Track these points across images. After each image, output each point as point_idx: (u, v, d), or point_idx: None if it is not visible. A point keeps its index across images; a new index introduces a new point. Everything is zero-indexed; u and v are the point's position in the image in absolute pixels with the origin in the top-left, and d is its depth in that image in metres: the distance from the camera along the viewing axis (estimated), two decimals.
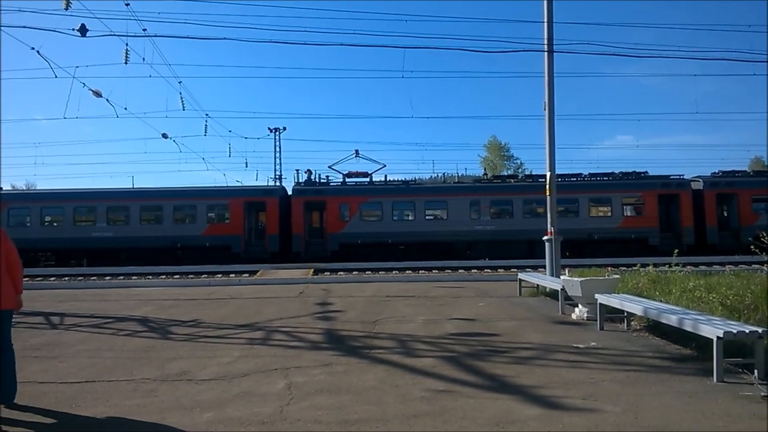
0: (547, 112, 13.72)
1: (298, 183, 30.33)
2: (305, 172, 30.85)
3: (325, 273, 21.83)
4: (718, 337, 5.80)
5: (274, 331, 9.25)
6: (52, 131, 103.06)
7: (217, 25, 16.99)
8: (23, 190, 46.42)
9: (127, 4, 15.14)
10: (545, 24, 13.71)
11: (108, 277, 21.67)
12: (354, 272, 22.14)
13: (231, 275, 21.72)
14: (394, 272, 21.83)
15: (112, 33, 14.66)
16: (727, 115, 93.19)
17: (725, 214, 29.44)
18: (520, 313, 10.73)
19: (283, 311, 11.57)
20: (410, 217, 28.82)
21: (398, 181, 30.47)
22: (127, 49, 15.89)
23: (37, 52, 14.10)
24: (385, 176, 31.11)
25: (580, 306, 10.00)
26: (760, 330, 5.80)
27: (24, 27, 13.94)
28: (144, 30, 15.68)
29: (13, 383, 5.42)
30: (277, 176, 44.83)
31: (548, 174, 13.73)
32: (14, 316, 5.70)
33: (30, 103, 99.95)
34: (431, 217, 28.93)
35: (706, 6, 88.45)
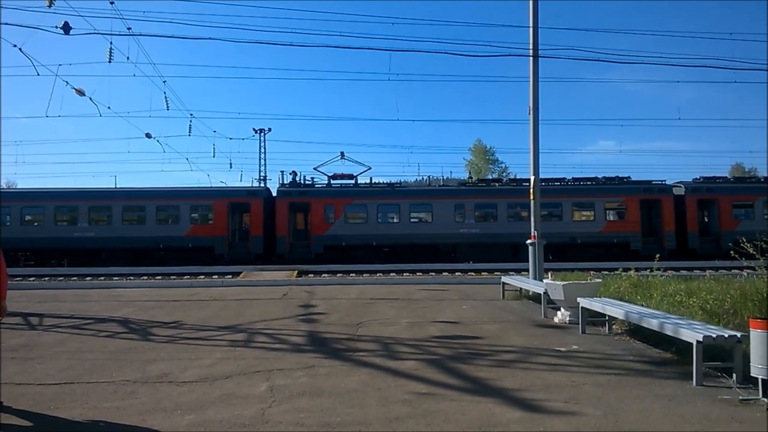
0: (531, 116, 13.79)
1: (282, 184, 30.17)
2: (290, 174, 30.71)
3: (309, 275, 21.74)
4: (697, 341, 5.87)
5: (257, 333, 9.20)
6: (34, 130, 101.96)
7: (202, 24, 16.93)
8: (3, 188, 45.72)
9: (112, 2, 14.95)
10: (531, 29, 13.80)
11: (89, 278, 21.39)
12: (338, 274, 22.09)
13: (214, 276, 21.57)
14: (378, 274, 21.80)
15: (96, 31, 14.47)
16: (708, 121, 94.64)
17: (706, 220, 29.80)
18: (503, 316, 10.77)
19: (266, 313, 11.51)
20: (395, 220, 28.81)
21: (383, 183, 30.44)
22: (111, 48, 15.69)
23: (20, 49, 13.90)
24: (371, 178, 31.09)
25: (562, 309, 10.07)
26: (738, 334, 5.88)
27: (6, 24, 13.75)
28: (129, 29, 15.46)
29: None
30: (261, 177, 44.65)
31: (532, 178, 13.80)
32: None
33: (11, 100, 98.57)
34: (416, 220, 28.95)
35: (688, 14, 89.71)
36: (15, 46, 13.97)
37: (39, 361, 7.31)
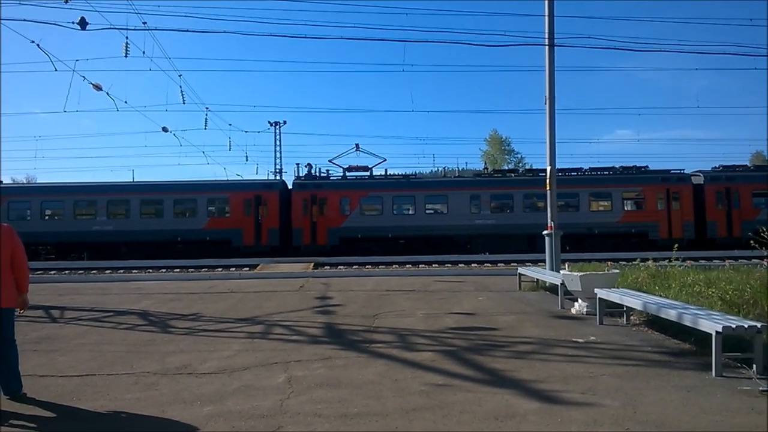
0: (547, 106, 13.68)
1: (298, 177, 30.30)
2: (305, 166, 30.82)
3: (325, 267, 21.83)
4: (717, 332, 5.81)
5: (275, 325, 9.27)
6: (52, 125, 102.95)
7: (217, 18, 17.02)
8: (23, 183, 46.38)
9: None
10: (546, 18, 13.66)
11: (108, 271, 21.67)
12: (354, 266, 22.12)
13: (231, 269, 21.75)
14: (394, 266, 21.81)
15: (112, 26, 14.63)
16: (728, 109, 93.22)
17: (725, 209, 29.38)
18: (519, 308, 10.74)
19: (283, 305, 11.59)
20: (410, 212, 28.79)
21: (398, 175, 30.39)
22: (127, 43, 15.85)
23: (38, 45, 14.08)
24: (386, 170, 31.06)
25: (579, 300, 10.01)
26: (759, 325, 5.81)
27: (24, 20, 13.90)
28: (144, 23, 15.60)
29: (16, 379, 5.42)
30: (277, 170, 44.86)
31: (549, 168, 13.71)
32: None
33: (30, 96, 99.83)
34: (431, 212, 28.90)
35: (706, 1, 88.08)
36: (33, 42, 14.17)
37: (61, 353, 7.44)
